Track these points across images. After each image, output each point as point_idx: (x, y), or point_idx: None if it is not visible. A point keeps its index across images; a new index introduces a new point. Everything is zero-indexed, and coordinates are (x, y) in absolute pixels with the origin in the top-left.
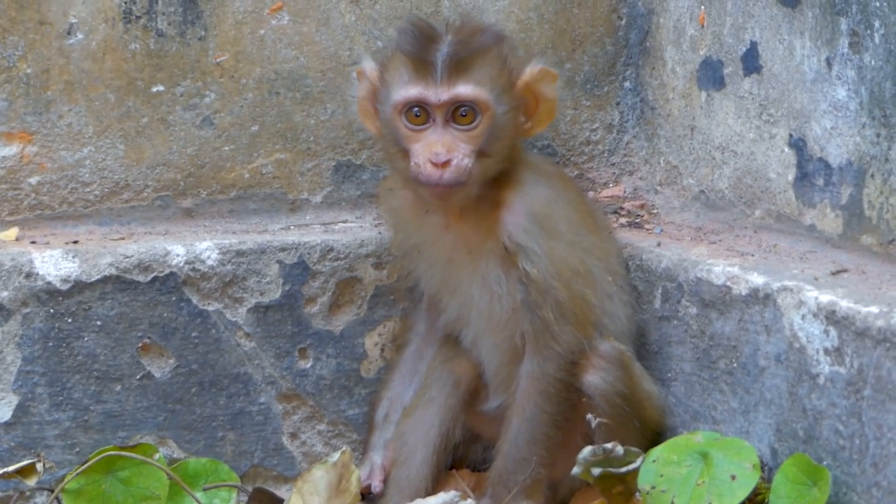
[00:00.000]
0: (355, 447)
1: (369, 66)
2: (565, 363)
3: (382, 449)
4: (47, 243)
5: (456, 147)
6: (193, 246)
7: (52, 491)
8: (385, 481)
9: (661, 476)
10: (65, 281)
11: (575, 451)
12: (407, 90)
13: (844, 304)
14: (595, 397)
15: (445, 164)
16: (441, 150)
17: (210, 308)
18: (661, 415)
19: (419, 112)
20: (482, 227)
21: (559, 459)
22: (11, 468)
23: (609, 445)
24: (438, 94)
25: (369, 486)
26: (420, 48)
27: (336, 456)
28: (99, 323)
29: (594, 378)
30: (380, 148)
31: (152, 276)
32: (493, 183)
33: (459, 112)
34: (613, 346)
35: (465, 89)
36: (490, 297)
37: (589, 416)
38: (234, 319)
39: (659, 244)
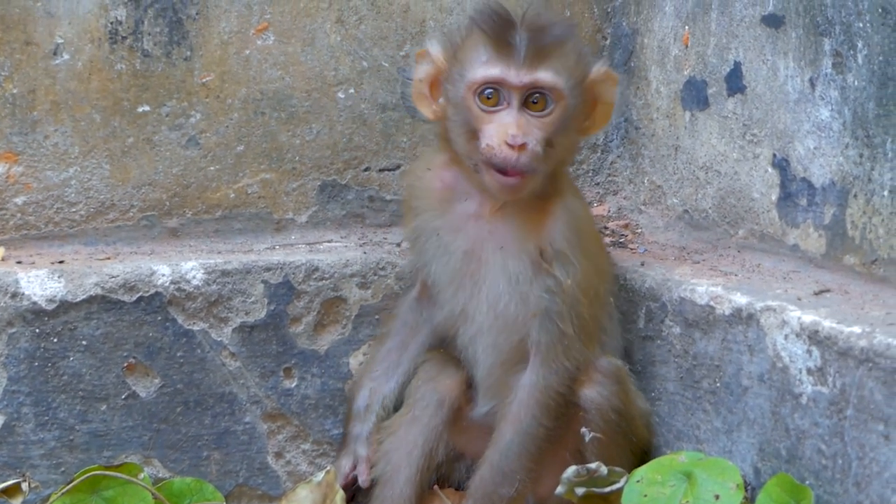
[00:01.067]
0: None
1: (435, 47)
2: (569, 378)
3: (366, 440)
4: (33, 263)
5: (530, 132)
6: (179, 266)
7: None
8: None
9: (645, 496)
10: (50, 301)
11: (564, 467)
12: (486, 69)
13: (827, 324)
14: (591, 411)
15: (522, 147)
16: (518, 133)
17: (195, 328)
18: (650, 432)
19: (492, 94)
20: (521, 226)
21: (547, 476)
22: None
23: (593, 465)
24: (520, 76)
25: (355, 479)
26: (500, 30)
27: (321, 475)
28: (84, 343)
29: (591, 392)
30: (365, 168)
31: (138, 295)
32: (539, 188)
33: (532, 98)
34: (611, 361)
35: (545, 75)
36: (511, 296)
37: (583, 429)
38: (219, 339)
39: (643, 264)
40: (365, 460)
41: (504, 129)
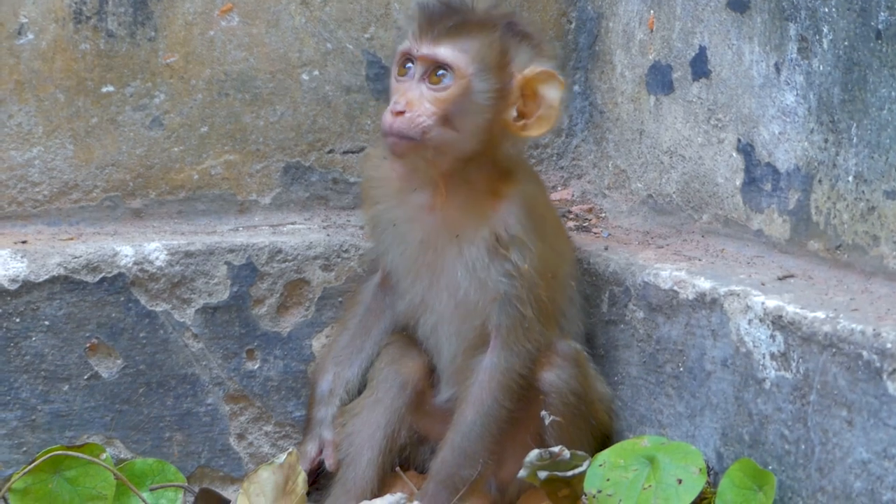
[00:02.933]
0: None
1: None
2: (529, 360)
3: (331, 425)
4: None
5: (419, 103)
6: (142, 247)
7: None
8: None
9: (608, 480)
10: (13, 281)
11: (525, 451)
12: (404, 43)
13: (791, 310)
14: (550, 394)
15: (400, 113)
16: (401, 100)
17: (158, 309)
18: (610, 417)
19: (409, 66)
20: (474, 214)
21: (509, 459)
22: None
23: (556, 449)
24: (421, 48)
25: (321, 463)
26: (435, 8)
27: (283, 457)
28: (47, 323)
29: (550, 375)
30: (329, 150)
31: (101, 276)
32: (487, 174)
33: (436, 73)
34: (570, 344)
35: (444, 50)
36: (470, 283)
37: (543, 412)
38: (182, 320)
39: (606, 248)
40: (331, 444)
41: (395, 98)
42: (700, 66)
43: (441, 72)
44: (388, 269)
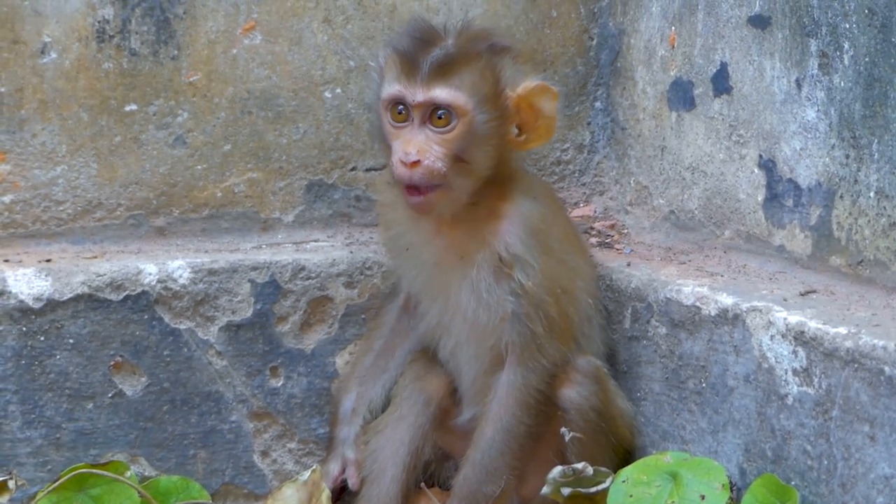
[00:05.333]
0: None
1: (377, 60)
2: (547, 376)
3: (353, 444)
4: (20, 262)
5: (429, 149)
6: (165, 265)
7: None
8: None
9: (631, 496)
10: (37, 299)
11: (547, 467)
12: (391, 87)
13: (813, 325)
14: (570, 411)
15: (415, 164)
16: (411, 150)
17: (182, 327)
18: (632, 433)
19: (402, 110)
20: (476, 235)
21: (531, 476)
22: None
23: (579, 465)
24: (415, 94)
25: (344, 482)
26: (412, 47)
27: (306, 474)
28: (71, 341)
29: (570, 392)
30: (352, 168)
31: (124, 294)
32: (488, 193)
33: (437, 115)
34: (590, 361)
35: (441, 92)
36: (478, 304)
37: (563, 429)
38: (205, 338)
39: (629, 264)
40: (354, 463)
41: (401, 147)
42: (721, 83)
43: (441, 112)
44: (408, 291)
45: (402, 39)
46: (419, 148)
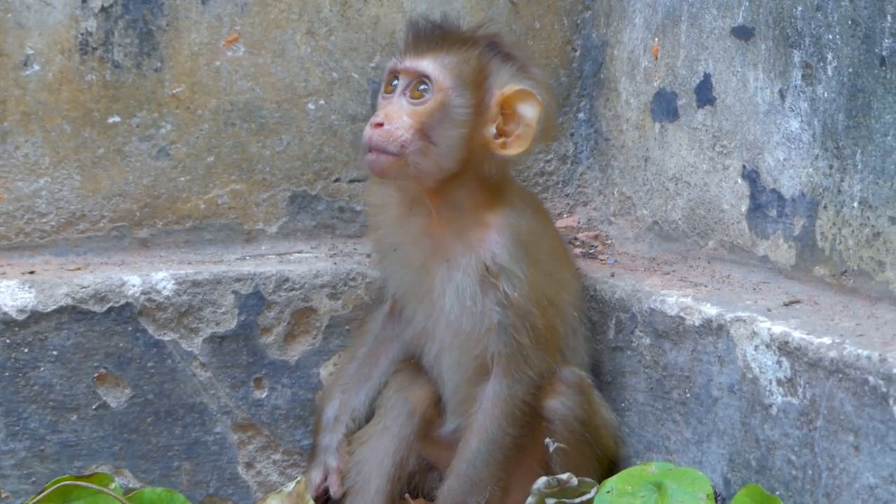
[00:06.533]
0: None
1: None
2: (533, 387)
3: (336, 451)
4: (3, 273)
5: (398, 117)
6: (149, 276)
7: None
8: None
9: None
10: (21, 311)
11: (531, 478)
12: (391, 60)
13: (797, 335)
14: (555, 422)
15: (378, 125)
16: (381, 114)
17: (166, 338)
18: (616, 443)
19: (395, 83)
20: (463, 240)
21: (515, 486)
22: None
23: (564, 476)
24: (404, 61)
25: (326, 490)
26: (419, 26)
27: (291, 486)
28: (55, 353)
29: (555, 403)
30: (336, 179)
31: (108, 306)
32: (477, 200)
33: (418, 87)
34: (574, 372)
35: (425, 63)
36: (461, 311)
37: (547, 440)
38: (189, 349)
39: (613, 275)
40: (336, 471)
41: (376, 112)
42: (705, 94)
43: (423, 86)
44: (394, 295)
45: (415, 22)
46: (388, 113)
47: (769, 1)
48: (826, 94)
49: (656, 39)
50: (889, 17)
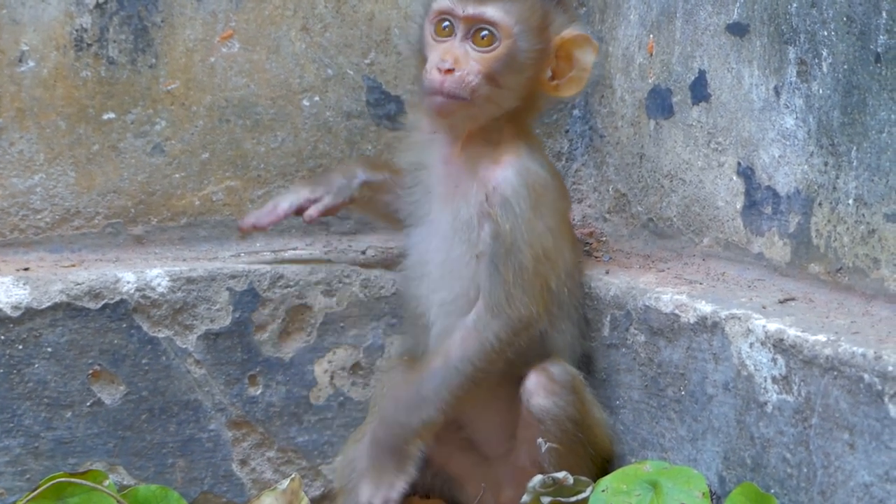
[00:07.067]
0: (304, 474)
1: None
2: (511, 330)
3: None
4: None
5: (465, 62)
6: (144, 273)
7: None
8: None
9: None
10: (15, 308)
11: (525, 477)
12: (439, 1)
13: (792, 333)
14: (546, 421)
15: (449, 71)
16: (448, 58)
17: (160, 335)
18: (610, 442)
19: (447, 26)
20: (475, 172)
21: (509, 485)
22: None
23: (559, 475)
24: (466, 7)
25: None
26: None
27: (285, 483)
28: (49, 350)
29: (546, 402)
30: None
31: (103, 303)
32: (505, 133)
33: (480, 34)
34: (566, 369)
35: (490, 9)
36: (453, 235)
37: (539, 440)
38: (184, 346)
39: (607, 272)
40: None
41: (440, 56)
42: (700, 90)
43: (485, 32)
44: (406, 222)
45: None
46: (456, 58)
47: None
48: (821, 91)
49: (651, 36)
50: (884, 14)
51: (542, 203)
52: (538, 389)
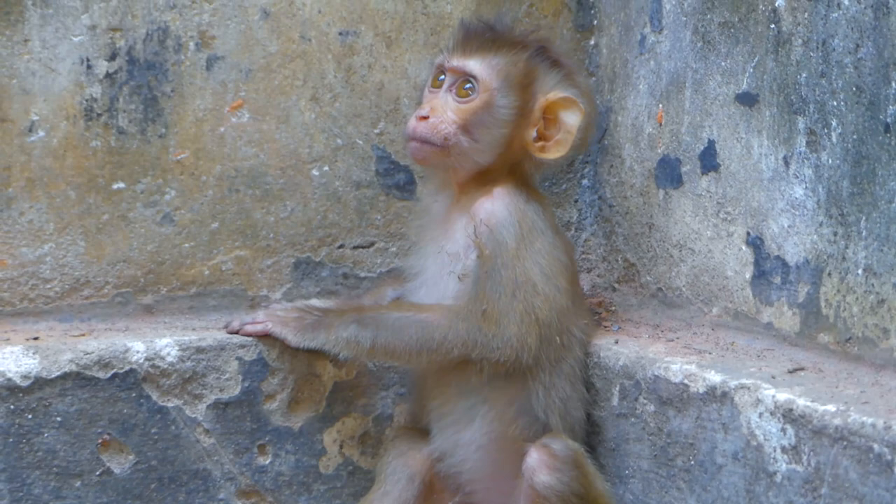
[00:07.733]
0: None
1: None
2: (473, 342)
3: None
4: (7, 339)
5: (443, 111)
6: (153, 342)
7: None
8: None
9: None
10: (25, 377)
11: None
12: (440, 56)
13: (801, 403)
14: (551, 498)
15: (423, 118)
16: (427, 107)
17: (170, 404)
18: None
19: (442, 78)
20: (468, 208)
21: None
22: None
23: None
24: (452, 60)
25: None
26: (471, 25)
27: None
28: (59, 419)
29: (549, 479)
30: (339, 245)
31: (112, 372)
32: (495, 187)
33: (464, 86)
34: (568, 445)
35: (472, 63)
36: (442, 270)
37: None
38: (193, 416)
39: (617, 341)
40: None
41: (423, 105)
42: (709, 160)
43: (468, 85)
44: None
45: (469, 20)
46: (433, 107)
47: (774, 68)
48: (830, 161)
49: (660, 106)
50: (893, 84)
51: (530, 238)
52: (541, 466)
